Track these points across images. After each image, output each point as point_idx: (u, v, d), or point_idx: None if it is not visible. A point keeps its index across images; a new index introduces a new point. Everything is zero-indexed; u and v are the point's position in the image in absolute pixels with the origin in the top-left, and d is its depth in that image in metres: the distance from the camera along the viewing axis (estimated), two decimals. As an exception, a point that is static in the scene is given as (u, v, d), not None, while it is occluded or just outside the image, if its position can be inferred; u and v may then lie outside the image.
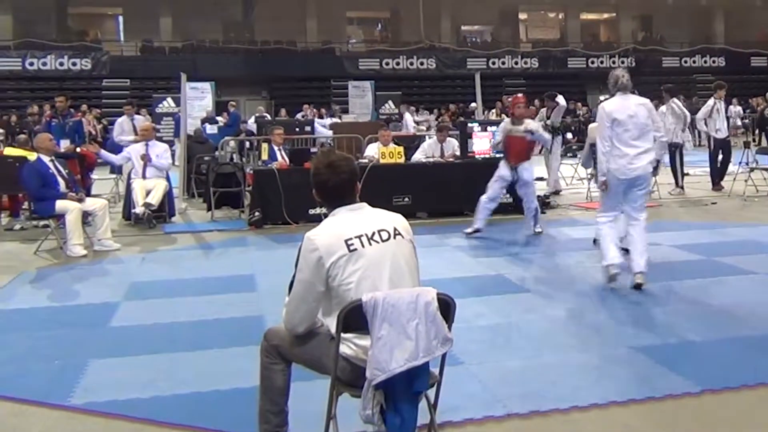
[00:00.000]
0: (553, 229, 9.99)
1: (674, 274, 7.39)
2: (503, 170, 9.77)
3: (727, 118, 14.38)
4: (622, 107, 6.86)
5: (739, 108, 27.31)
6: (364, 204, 3.45)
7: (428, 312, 3.15)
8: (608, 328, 5.77)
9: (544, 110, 14.15)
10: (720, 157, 13.82)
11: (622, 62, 34.87)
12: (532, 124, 9.90)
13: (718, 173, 13.83)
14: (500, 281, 6.99)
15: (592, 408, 4.23)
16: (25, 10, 31.21)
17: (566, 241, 9.24)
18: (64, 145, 11.92)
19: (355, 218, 3.35)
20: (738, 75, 32.78)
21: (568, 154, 16.54)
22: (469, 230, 9.70)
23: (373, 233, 3.30)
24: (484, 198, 9.75)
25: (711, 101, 13.79)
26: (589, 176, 12.19)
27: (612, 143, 6.82)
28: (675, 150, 13.51)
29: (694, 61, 35.82)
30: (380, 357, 3.07)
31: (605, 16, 41.19)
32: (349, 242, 3.24)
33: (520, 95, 10.28)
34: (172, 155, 13.28)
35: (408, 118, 23.68)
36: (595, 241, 8.60)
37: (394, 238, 3.34)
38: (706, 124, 13.83)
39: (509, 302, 6.56)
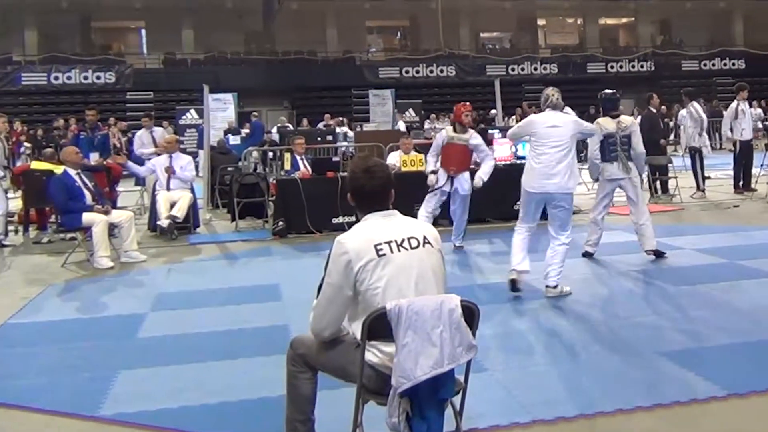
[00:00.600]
0: (575, 234, 9.95)
1: (697, 278, 7.37)
2: (441, 180, 9.28)
3: (749, 121, 14.28)
4: (548, 120, 6.87)
5: (759, 110, 27.08)
6: (396, 211, 3.48)
7: (452, 319, 3.17)
8: (632, 333, 5.76)
9: None
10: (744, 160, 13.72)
11: (642, 66, 34.78)
12: (477, 138, 9.34)
13: (743, 176, 13.72)
14: (522, 287, 6.98)
15: (618, 413, 4.23)
16: (49, 25, 31.62)
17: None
18: (94, 158, 12.04)
19: (386, 224, 3.39)
20: (758, 77, 32.42)
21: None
22: None
23: (403, 240, 3.33)
24: (421, 212, 9.25)
25: (734, 103, 13.70)
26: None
27: (529, 155, 6.86)
28: (695, 154, 13.45)
29: (713, 64, 35.47)
30: (405, 364, 3.09)
31: (624, 20, 40.94)
32: (379, 247, 3.27)
33: (467, 103, 9.52)
34: (196, 167, 13.37)
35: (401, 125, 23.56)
36: (584, 254, 8.53)
37: (423, 246, 3.37)
38: (731, 128, 13.66)
39: (532, 308, 6.56)
